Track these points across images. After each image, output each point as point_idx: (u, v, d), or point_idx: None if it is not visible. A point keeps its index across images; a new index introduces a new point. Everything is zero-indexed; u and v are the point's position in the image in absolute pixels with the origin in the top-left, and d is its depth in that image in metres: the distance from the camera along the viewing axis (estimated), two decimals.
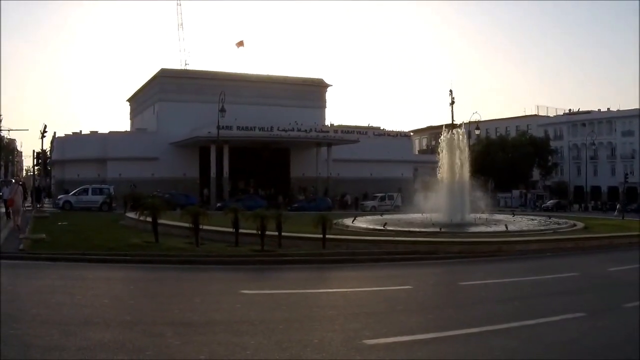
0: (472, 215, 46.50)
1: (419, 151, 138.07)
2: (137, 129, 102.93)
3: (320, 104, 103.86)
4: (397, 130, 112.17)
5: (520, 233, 36.71)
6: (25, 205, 50.57)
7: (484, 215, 48.12)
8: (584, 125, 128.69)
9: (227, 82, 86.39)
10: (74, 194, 67.63)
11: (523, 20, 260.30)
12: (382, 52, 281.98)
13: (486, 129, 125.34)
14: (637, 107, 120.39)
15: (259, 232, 26.75)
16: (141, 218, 31.21)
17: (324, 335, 11.80)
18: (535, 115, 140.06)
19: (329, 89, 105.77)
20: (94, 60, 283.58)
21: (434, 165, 50.02)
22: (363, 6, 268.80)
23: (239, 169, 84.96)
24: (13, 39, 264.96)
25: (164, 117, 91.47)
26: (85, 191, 67.08)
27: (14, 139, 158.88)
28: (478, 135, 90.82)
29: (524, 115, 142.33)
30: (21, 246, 25.67)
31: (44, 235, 30.11)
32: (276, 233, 27.67)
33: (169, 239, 28.98)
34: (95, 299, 15.35)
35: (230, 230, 28.54)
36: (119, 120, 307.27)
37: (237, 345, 10.84)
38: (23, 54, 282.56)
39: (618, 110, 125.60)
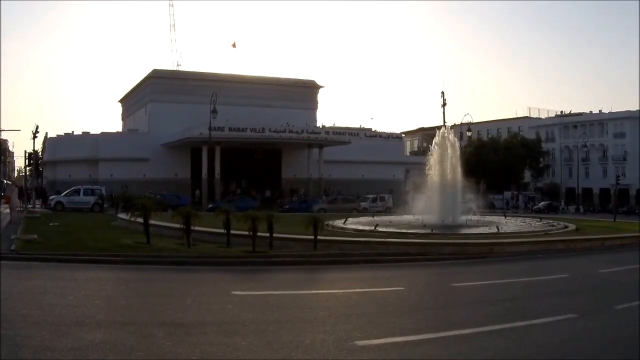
0: (464, 217, 46.50)
1: (410, 153, 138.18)
2: (129, 130, 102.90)
3: (312, 105, 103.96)
4: (389, 131, 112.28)
5: (511, 234, 36.67)
6: (21, 205, 56.25)
7: (476, 217, 48.18)
8: (575, 127, 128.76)
9: (219, 83, 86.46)
10: (65, 195, 67.36)
11: (514, 22, 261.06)
12: (374, 53, 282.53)
13: (478, 131, 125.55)
14: (628, 109, 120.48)
15: (251, 233, 26.78)
16: (132, 219, 31.21)
17: (316, 337, 11.82)
18: (527, 117, 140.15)
19: (320, 90, 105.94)
20: (86, 61, 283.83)
21: (425, 166, 49.93)
22: (355, 7, 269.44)
23: (230, 170, 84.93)
24: (5, 39, 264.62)
25: (155, 118, 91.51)
26: (77, 192, 66.83)
27: (6, 140, 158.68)
28: (470, 137, 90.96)
29: (515, 117, 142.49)
30: (13, 247, 25.66)
31: (36, 235, 30.11)
32: (268, 234, 27.69)
33: (161, 240, 29.00)
34: (87, 299, 15.33)
35: (222, 231, 28.58)
36: (110, 121, 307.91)
37: (229, 346, 10.85)
38: (15, 55, 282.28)
39: (610, 112, 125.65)
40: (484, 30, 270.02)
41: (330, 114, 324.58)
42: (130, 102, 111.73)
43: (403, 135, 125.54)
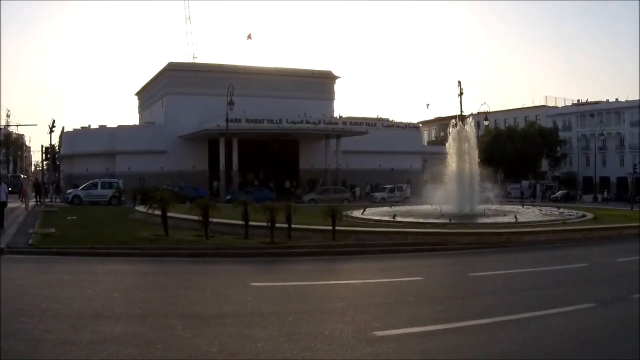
0: (482, 206, 46.45)
1: (427, 142, 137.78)
2: (146, 123, 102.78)
3: (329, 96, 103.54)
4: (406, 121, 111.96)
5: (529, 224, 36.56)
6: (39, 198, 60.32)
7: (493, 206, 48.10)
8: (592, 115, 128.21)
9: (236, 75, 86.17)
10: (83, 188, 67.57)
11: (531, 10, 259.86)
12: (390, 43, 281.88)
13: (495, 120, 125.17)
14: None
15: (269, 225, 26.81)
16: (150, 211, 31.27)
17: (335, 327, 11.84)
18: (544, 105, 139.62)
19: (337, 80, 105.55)
20: (102, 55, 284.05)
21: (442, 156, 49.87)
22: None
23: (248, 162, 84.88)
24: (21, 34, 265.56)
25: (172, 110, 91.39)
26: (95, 185, 67.02)
27: (23, 134, 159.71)
28: (487, 126, 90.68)
29: (532, 105, 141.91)
30: (31, 241, 25.75)
31: (54, 229, 30.22)
32: (286, 225, 27.70)
33: (179, 232, 29.04)
34: (105, 292, 15.40)
35: (240, 222, 28.58)
36: (127, 114, 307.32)
37: (248, 338, 10.87)
38: (31, 49, 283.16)
39: (626, 101, 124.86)
40: (500, 20, 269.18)
41: (347, 104, 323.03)
42: (147, 95, 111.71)
43: (420, 125, 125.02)
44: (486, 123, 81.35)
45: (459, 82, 67.28)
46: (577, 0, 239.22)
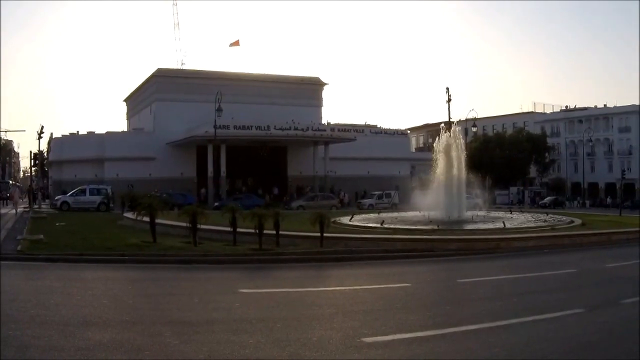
0: (470, 213, 46.50)
1: (416, 149, 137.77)
2: (134, 129, 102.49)
3: (317, 103, 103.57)
4: (394, 128, 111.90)
5: (517, 230, 36.61)
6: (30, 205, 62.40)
7: (481, 213, 48.15)
8: (580, 121, 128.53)
9: (224, 82, 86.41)
10: (71, 195, 67.47)
11: (519, 17, 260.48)
12: (379, 50, 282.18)
13: (483, 126, 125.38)
14: (634, 103, 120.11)
15: (257, 231, 26.78)
16: (139, 218, 31.21)
17: (323, 334, 11.82)
18: (532, 112, 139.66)
19: (325, 87, 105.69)
20: (91, 61, 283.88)
21: (431, 163, 49.90)
22: (359, 4, 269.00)
23: (236, 168, 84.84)
24: (9, 39, 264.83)
25: (160, 116, 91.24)
26: (83, 192, 66.94)
27: (11, 140, 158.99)
28: (475, 133, 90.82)
29: (520, 112, 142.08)
30: (19, 247, 25.67)
31: (42, 236, 30.12)
32: (274, 232, 27.67)
33: (167, 239, 29.02)
34: (94, 299, 15.35)
35: (228, 229, 28.60)
36: (115, 120, 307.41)
37: (236, 344, 10.85)
38: (19, 55, 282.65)
39: (615, 107, 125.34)
40: (488, 27, 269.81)
41: (335, 111, 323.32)
42: (135, 101, 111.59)
43: (408, 131, 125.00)
44: (474, 129, 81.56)
45: (447, 89, 67.60)
46: (565, 6, 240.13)
